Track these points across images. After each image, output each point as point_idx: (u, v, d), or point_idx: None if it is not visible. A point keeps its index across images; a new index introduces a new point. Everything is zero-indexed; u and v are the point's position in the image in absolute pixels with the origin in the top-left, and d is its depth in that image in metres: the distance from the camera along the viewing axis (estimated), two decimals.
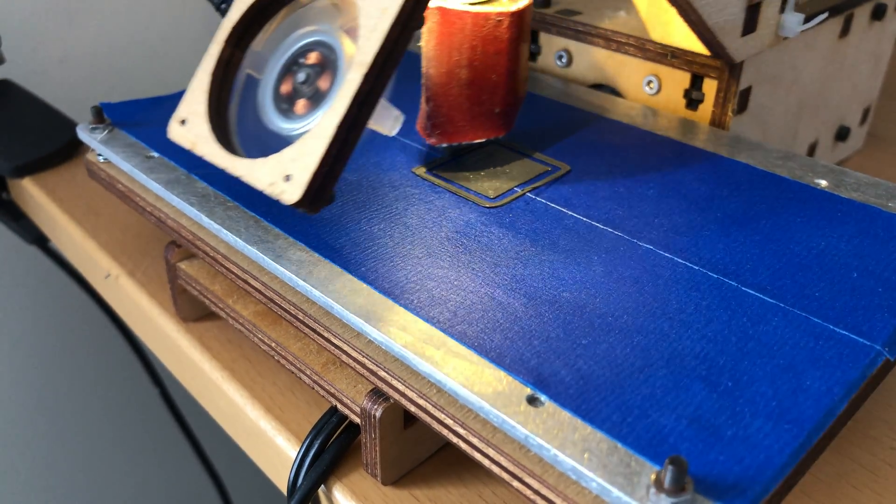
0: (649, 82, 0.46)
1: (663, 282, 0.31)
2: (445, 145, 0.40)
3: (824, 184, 0.38)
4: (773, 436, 0.24)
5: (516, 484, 0.25)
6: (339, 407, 0.32)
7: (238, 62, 0.33)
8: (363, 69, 0.28)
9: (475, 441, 0.26)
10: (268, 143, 0.31)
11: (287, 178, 0.29)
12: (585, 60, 0.50)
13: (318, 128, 0.29)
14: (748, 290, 0.30)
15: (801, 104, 0.49)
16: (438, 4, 0.37)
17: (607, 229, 0.35)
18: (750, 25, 0.41)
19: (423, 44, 0.38)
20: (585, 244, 0.33)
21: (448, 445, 0.33)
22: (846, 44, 0.50)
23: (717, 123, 0.44)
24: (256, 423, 0.36)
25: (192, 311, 0.42)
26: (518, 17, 0.37)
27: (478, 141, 0.40)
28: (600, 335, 0.28)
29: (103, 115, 0.43)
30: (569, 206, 0.36)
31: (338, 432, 0.33)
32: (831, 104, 0.52)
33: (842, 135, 0.54)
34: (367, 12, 0.29)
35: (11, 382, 0.73)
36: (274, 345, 0.35)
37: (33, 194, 0.54)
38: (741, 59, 0.42)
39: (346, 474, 0.32)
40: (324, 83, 0.31)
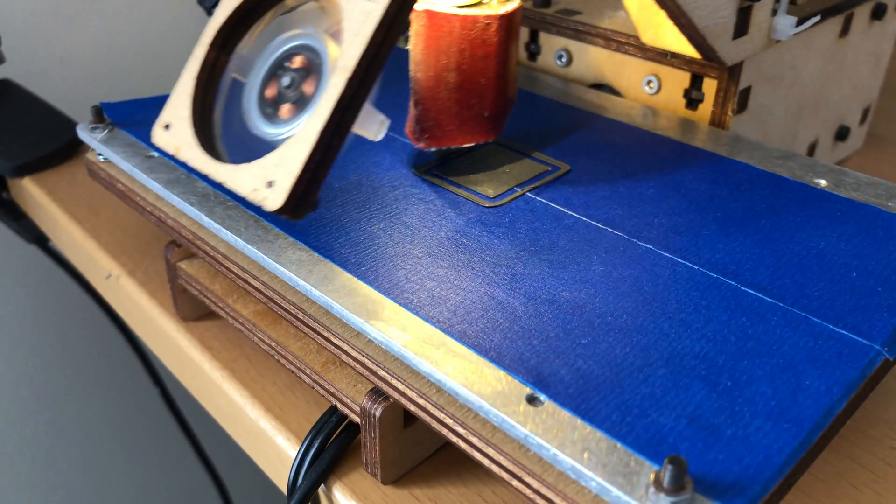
0: (649, 82, 0.46)
1: (663, 281, 0.31)
2: (434, 150, 0.39)
3: (824, 183, 0.38)
4: (773, 435, 0.24)
5: (516, 483, 0.25)
6: (339, 406, 0.32)
7: (223, 66, 0.33)
8: (346, 74, 0.28)
9: (475, 440, 0.26)
10: (253, 148, 0.30)
11: (270, 184, 0.28)
12: (585, 60, 0.50)
13: (301, 133, 0.28)
14: (748, 290, 0.31)
15: (800, 104, 0.49)
16: (426, 7, 0.36)
17: (607, 229, 0.35)
18: (741, 28, 0.40)
19: (410, 47, 0.37)
20: (585, 244, 0.34)
21: (448, 445, 0.33)
22: (846, 43, 0.50)
23: (717, 123, 0.44)
24: (256, 423, 0.36)
25: (192, 311, 0.42)
26: (507, 20, 0.36)
27: (467, 145, 0.40)
28: (600, 335, 0.28)
29: (103, 114, 0.43)
30: (569, 206, 0.36)
31: (338, 432, 0.33)
32: (831, 104, 0.52)
33: (842, 134, 0.54)
34: (351, 16, 0.28)
35: (11, 382, 0.73)
36: (274, 344, 0.35)
37: (33, 194, 0.54)
38: (732, 63, 0.41)
39: (345, 474, 0.33)
40: (309, 87, 0.30)
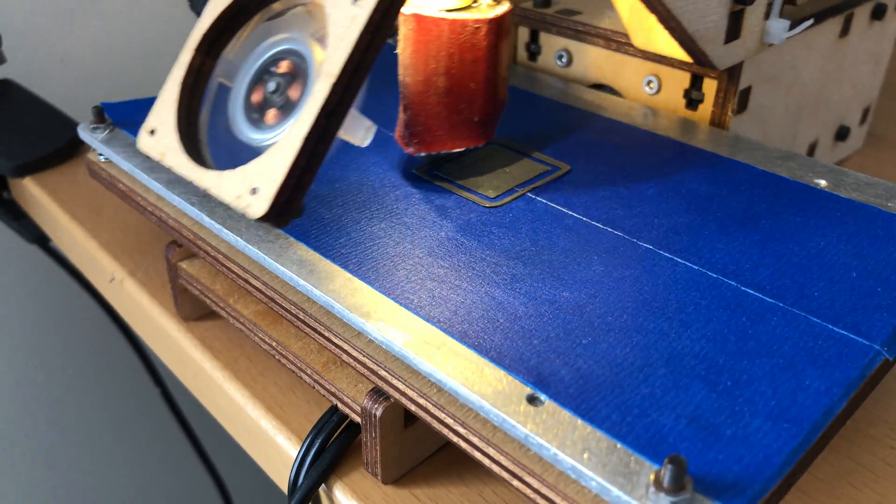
0: (649, 82, 0.46)
1: (663, 281, 0.31)
2: (424, 154, 0.39)
3: (824, 184, 0.38)
4: (773, 435, 0.24)
5: (516, 483, 0.25)
6: (340, 406, 0.32)
7: (209, 70, 0.32)
8: (331, 80, 0.27)
9: (475, 440, 0.26)
10: (238, 154, 0.30)
11: (253, 191, 0.28)
12: (585, 60, 0.50)
13: (285, 139, 0.28)
14: (747, 290, 0.31)
15: (800, 104, 0.49)
16: (414, 11, 0.35)
17: (607, 229, 0.35)
18: (733, 32, 0.40)
19: (399, 51, 0.37)
20: (585, 244, 0.34)
21: (448, 445, 0.33)
22: (846, 43, 0.50)
23: (717, 123, 0.44)
24: (257, 423, 0.36)
25: (193, 311, 0.42)
26: (496, 23, 0.36)
27: (457, 150, 0.39)
28: (600, 335, 0.28)
29: (104, 114, 0.43)
30: (569, 206, 0.36)
31: (338, 431, 0.33)
32: (831, 104, 0.52)
33: (842, 134, 0.54)
34: (336, 20, 0.28)
35: (12, 382, 0.73)
36: (275, 344, 0.35)
37: (34, 194, 0.54)
38: (725, 67, 0.41)
39: (346, 473, 0.33)
40: (294, 93, 0.30)
